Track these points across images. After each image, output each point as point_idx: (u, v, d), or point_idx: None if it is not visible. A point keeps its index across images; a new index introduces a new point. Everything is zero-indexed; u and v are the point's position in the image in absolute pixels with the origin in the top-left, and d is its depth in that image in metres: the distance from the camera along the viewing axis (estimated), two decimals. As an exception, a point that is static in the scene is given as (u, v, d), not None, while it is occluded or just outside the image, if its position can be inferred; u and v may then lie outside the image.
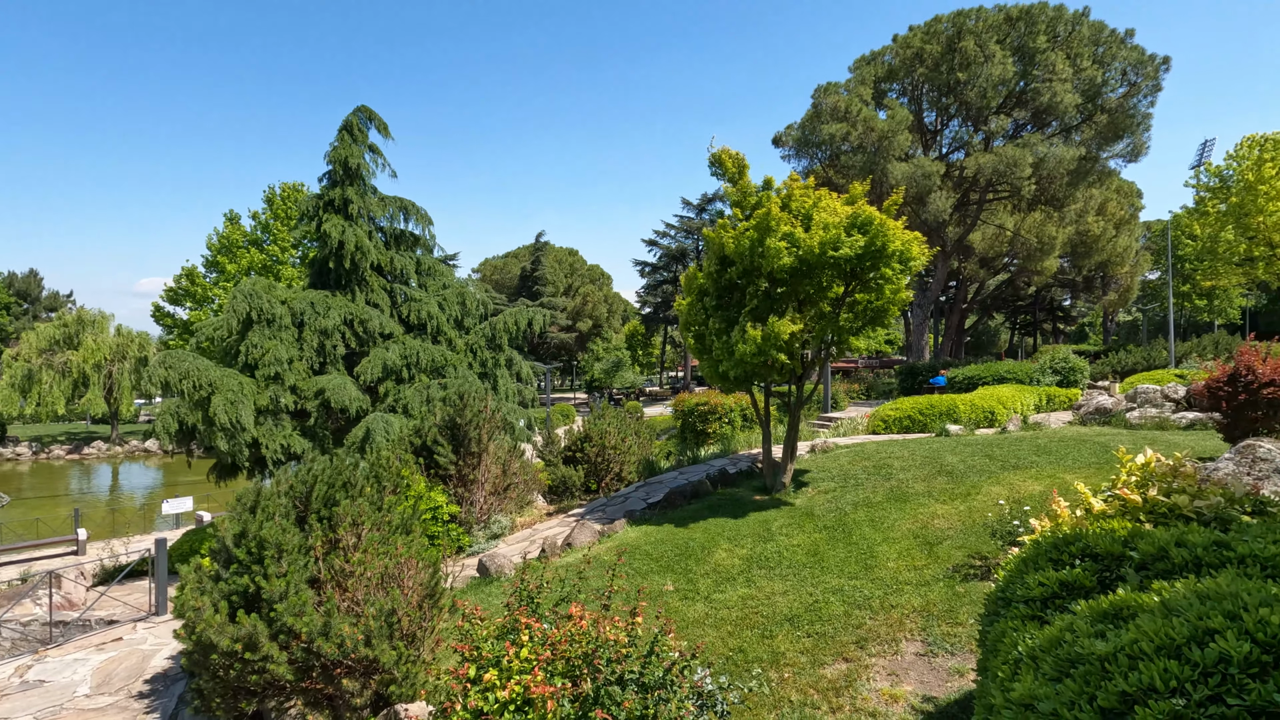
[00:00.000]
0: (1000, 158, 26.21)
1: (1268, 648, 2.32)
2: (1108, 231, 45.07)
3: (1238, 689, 2.21)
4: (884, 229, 9.91)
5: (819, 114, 31.90)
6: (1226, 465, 6.67)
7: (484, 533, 11.21)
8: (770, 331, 9.85)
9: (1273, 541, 3.24)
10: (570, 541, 10.46)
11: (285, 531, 5.86)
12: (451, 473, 10.95)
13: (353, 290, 17.74)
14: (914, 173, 26.99)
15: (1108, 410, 17.36)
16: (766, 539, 9.60)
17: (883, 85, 32.59)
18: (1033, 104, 27.44)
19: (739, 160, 11.75)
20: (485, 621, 5.24)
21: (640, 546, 9.90)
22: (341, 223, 17.40)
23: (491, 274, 78.19)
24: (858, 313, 11.47)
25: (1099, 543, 3.78)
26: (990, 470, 11.25)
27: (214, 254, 57.01)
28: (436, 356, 17.44)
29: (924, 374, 30.51)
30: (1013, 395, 19.05)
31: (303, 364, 16.21)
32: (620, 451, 14.54)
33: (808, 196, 11.03)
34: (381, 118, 18.90)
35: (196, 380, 14.16)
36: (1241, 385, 9.23)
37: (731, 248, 10.71)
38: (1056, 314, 78.61)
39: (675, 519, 11.04)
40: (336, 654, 5.44)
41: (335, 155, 17.94)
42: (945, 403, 17.37)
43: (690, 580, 8.55)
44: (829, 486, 11.92)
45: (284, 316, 16.12)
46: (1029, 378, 23.61)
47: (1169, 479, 4.34)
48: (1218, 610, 2.53)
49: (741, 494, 12.13)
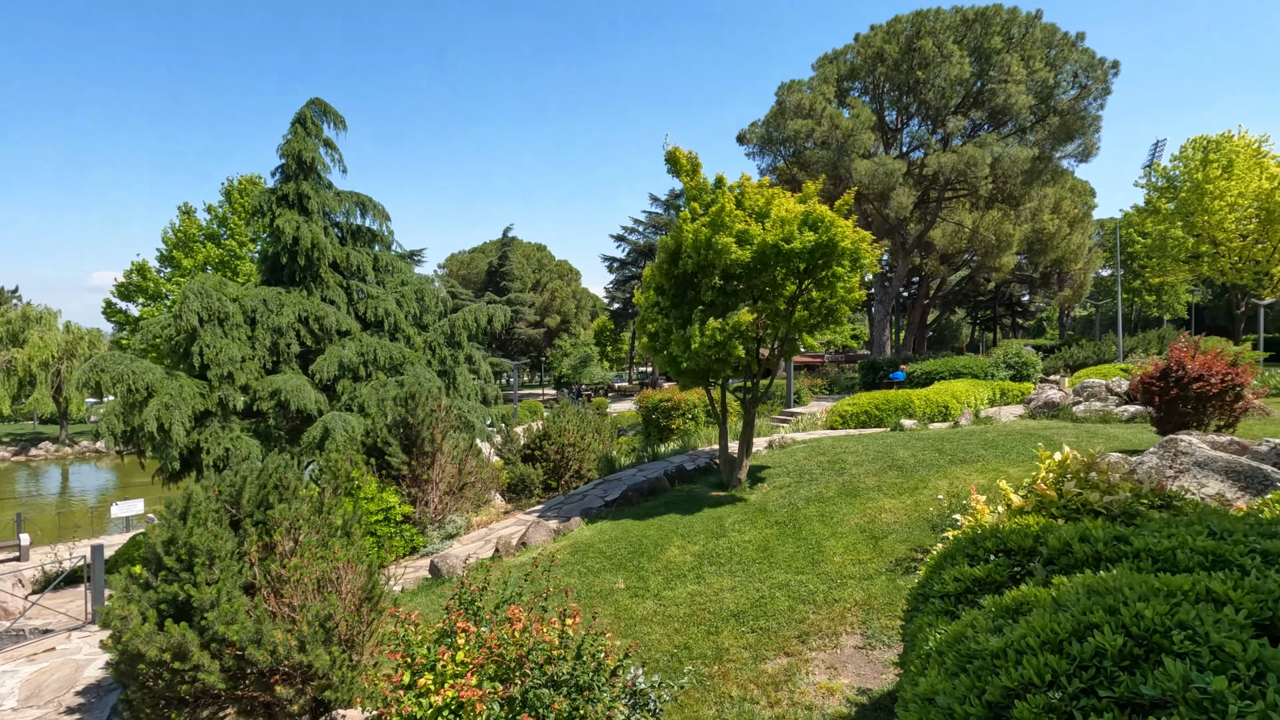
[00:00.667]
0: (960, 156, 26.73)
1: (1141, 640, 2.42)
2: (1062, 229, 46.25)
3: (1109, 681, 2.30)
4: (834, 227, 10.04)
5: (783, 111, 32.15)
6: (1151, 459, 6.93)
7: (439, 533, 11.11)
8: (730, 323, 9.92)
9: (1167, 536, 3.37)
10: (525, 540, 10.42)
11: (217, 538, 5.74)
12: (404, 473, 10.83)
13: (308, 287, 17.39)
14: (877, 170, 27.39)
15: (1056, 404, 17.86)
16: (719, 535, 9.69)
17: (845, 84, 32.96)
18: (989, 104, 28.04)
19: (693, 159, 11.79)
20: (421, 625, 5.19)
21: (594, 544, 9.91)
22: (296, 218, 17.04)
23: (458, 269, 77.30)
24: (813, 310, 11.62)
25: (1011, 539, 3.90)
26: (939, 465, 11.50)
27: (169, 248, 55.27)
28: (395, 354, 17.21)
29: (884, 369, 31.03)
30: (967, 390, 19.50)
31: (255, 363, 15.86)
32: (580, 449, 14.52)
33: (761, 194, 11.13)
34: (337, 111, 18.53)
35: (132, 383, 13.77)
36: (1172, 381, 9.58)
37: (688, 242, 10.75)
38: (1016, 309, 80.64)
39: (631, 516, 11.07)
40: (270, 661, 5.34)
41: (288, 149, 17.55)
42: (901, 398, 17.70)
43: (641, 578, 8.59)
44: (784, 482, 12.07)
45: (236, 314, 15.75)
46: (984, 372, 24.17)
47: (1082, 475, 4.49)
48: (1100, 605, 2.63)
49: (698, 490, 12.21)
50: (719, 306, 10.88)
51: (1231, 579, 2.70)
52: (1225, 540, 3.34)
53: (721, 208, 10.31)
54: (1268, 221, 36.26)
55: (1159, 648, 2.39)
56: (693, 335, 10.17)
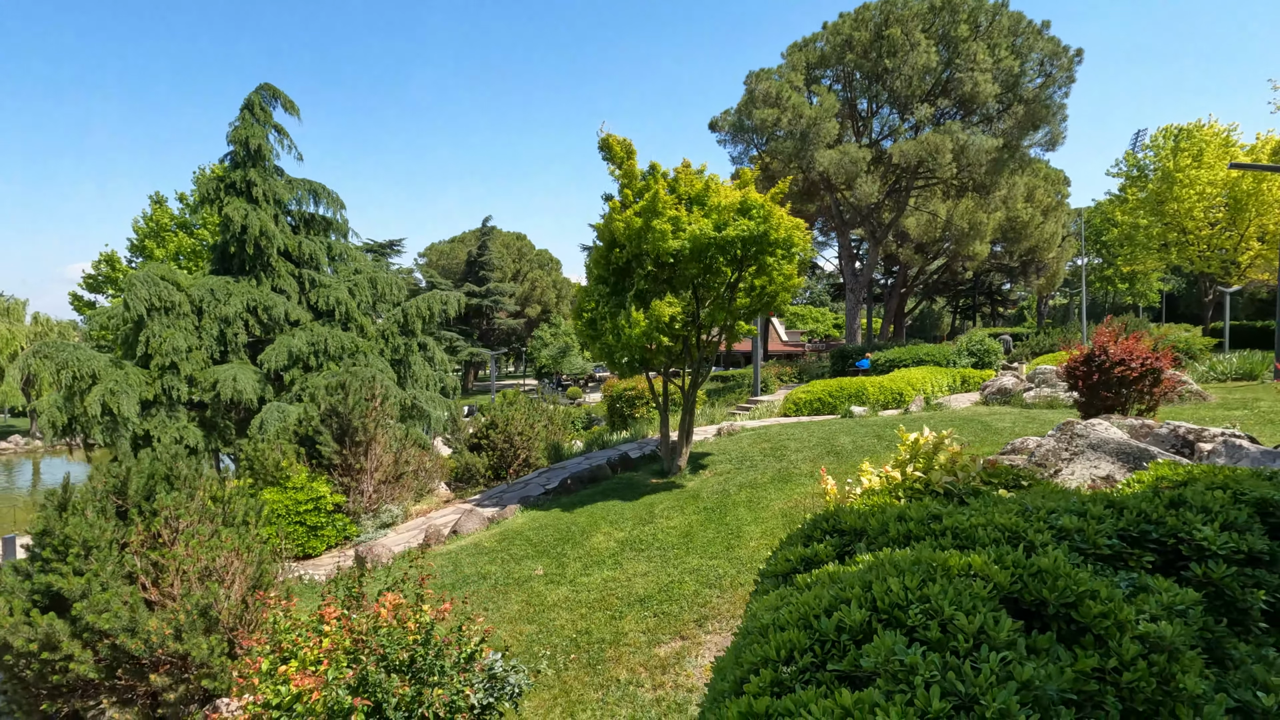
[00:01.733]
0: (922, 145, 26.76)
1: (883, 615, 2.43)
2: (1035, 218, 46.61)
3: (840, 655, 2.30)
4: (769, 216, 10.02)
5: (753, 99, 32.03)
6: (1049, 442, 6.98)
7: (373, 522, 11.05)
8: (653, 315, 9.89)
9: (978, 515, 3.39)
10: (457, 529, 10.39)
11: (93, 527, 5.65)
12: (335, 462, 10.75)
13: (258, 276, 17.18)
14: (841, 159, 27.37)
15: (1009, 391, 18.01)
16: (647, 521, 9.70)
17: (815, 72, 32.88)
18: (956, 93, 28.06)
19: (626, 145, 11.70)
20: (293, 613, 5.14)
21: (523, 532, 9.90)
22: (244, 206, 16.80)
23: (438, 259, 76.71)
24: (754, 297, 11.61)
25: (846, 519, 3.91)
26: (875, 450, 11.57)
27: (141, 238, 54.42)
28: (346, 343, 17.06)
29: (854, 357, 31.22)
30: (924, 377, 19.62)
31: (202, 353, 15.67)
32: (527, 438, 14.48)
33: (696, 180, 11.08)
34: (288, 96, 18.23)
35: (76, 371, 13.57)
36: (1095, 365, 9.66)
37: (619, 231, 10.69)
38: (995, 297, 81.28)
39: (566, 504, 11.06)
40: (144, 650, 5.29)
41: (236, 135, 17.29)
42: (855, 385, 17.79)
43: (562, 564, 8.58)
44: (725, 468, 12.10)
45: (183, 304, 15.55)
46: (946, 360, 24.34)
47: (929, 456, 4.51)
48: (859, 581, 2.64)
49: (638, 478, 12.22)
50: (652, 295, 10.84)
51: (995, 555, 2.72)
52: (1029, 518, 3.36)
53: (655, 194, 10.24)
54: (1235, 210, 36.65)
55: (896, 621, 2.39)
56: (622, 325, 10.13)
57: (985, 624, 2.27)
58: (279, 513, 10.00)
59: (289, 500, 10.10)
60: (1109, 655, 2.28)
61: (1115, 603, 2.45)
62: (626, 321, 10.16)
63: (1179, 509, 3.65)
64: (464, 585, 8.25)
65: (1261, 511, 3.66)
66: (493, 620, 7.28)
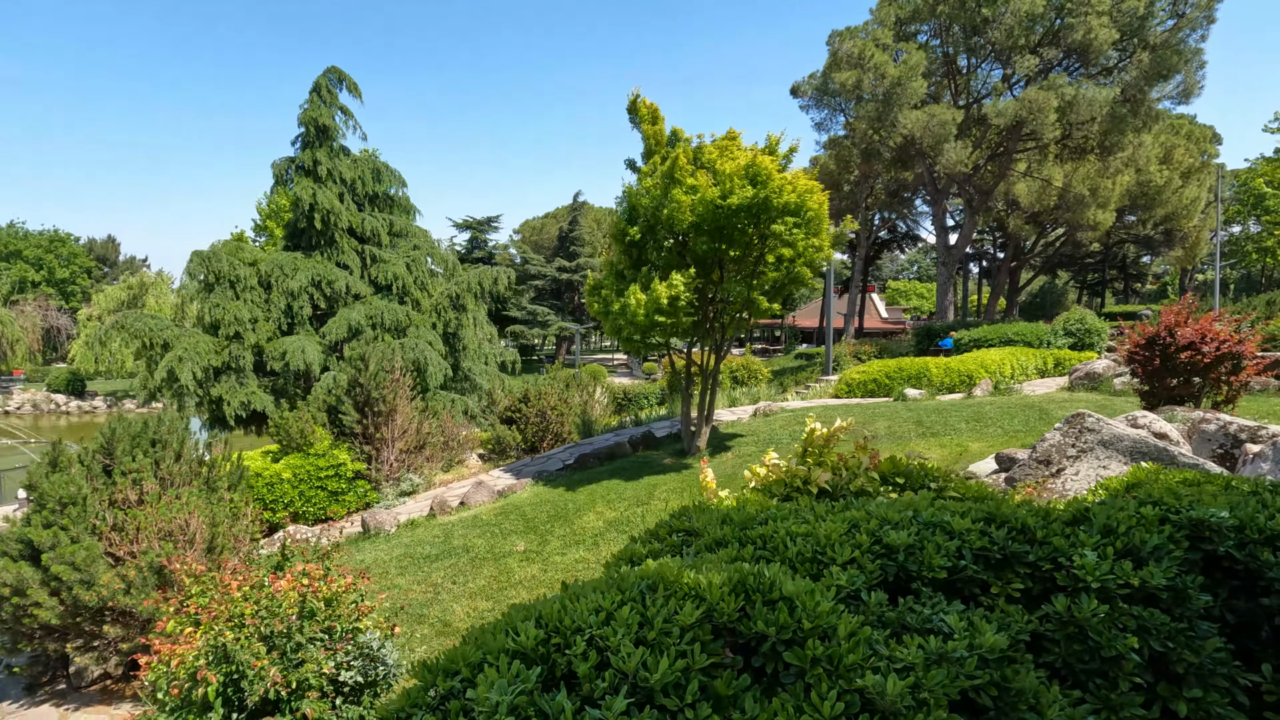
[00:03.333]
0: (1022, 103, 24.13)
1: (556, 639, 2.08)
2: (1173, 181, 41.30)
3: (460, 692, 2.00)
4: (768, 179, 9.31)
5: (835, 61, 30.17)
6: (1054, 436, 6.06)
7: (394, 490, 11.44)
8: (652, 295, 9.51)
9: (795, 523, 2.89)
10: (465, 500, 10.56)
11: (69, 484, 6.09)
12: (357, 431, 11.17)
13: (324, 251, 18.10)
14: (928, 122, 25.25)
15: (1097, 376, 16.14)
16: (643, 503, 9.43)
17: (907, 27, 30.40)
18: (1066, 41, 25.04)
19: (653, 109, 11.23)
20: (203, 579, 5.30)
21: (522, 507, 9.91)
22: (311, 185, 17.69)
23: (530, 235, 78.51)
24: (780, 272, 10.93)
25: (695, 519, 3.50)
26: (908, 438, 10.66)
27: (263, 218, 59.35)
28: (401, 317, 17.71)
29: (939, 335, 29.14)
30: (1002, 359, 17.93)
31: (269, 324, 16.73)
32: (560, 413, 14.50)
33: (714, 148, 10.48)
34: (352, 79, 18.96)
35: (148, 339, 14.81)
36: (1158, 349, 8.31)
37: (641, 203, 10.32)
38: (1129, 271, 73.50)
39: (574, 481, 10.97)
40: (96, 602, 5.66)
41: (305, 117, 18.15)
42: (916, 366, 16.51)
43: (544, 542, 8.50)
44: (747, 450, 11.59)
45: (249, 278, 16.60)
46: (1039, 340, 22.18)
47: (819, 452, 3.94)
48: (568, 598, 2.28)
49: (655, 457, 11.93)
50: (669, 269, 10.41)
51: (722, 575, 2.27)
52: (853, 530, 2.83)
53: (674, 161, 9.77)
54: None
55: (556, 650, 2.05)
56: (628, 303, 9.80)
57: (648, 662, 1.88)
58: (300, 477, 10.53)
59: (310, 466, 10.61)
60: (802, 713, 1.83)
61: (843, 644, 1.97)
62: (634, 300, 9.82)
63: (1076, 528, 2.97)
64: (446, 557, 8.36)
65: (1194, 536, 2.91)
66: (455, 594, 7.31)
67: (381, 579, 7.87)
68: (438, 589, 7.47)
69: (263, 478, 10.28)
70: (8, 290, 76.83)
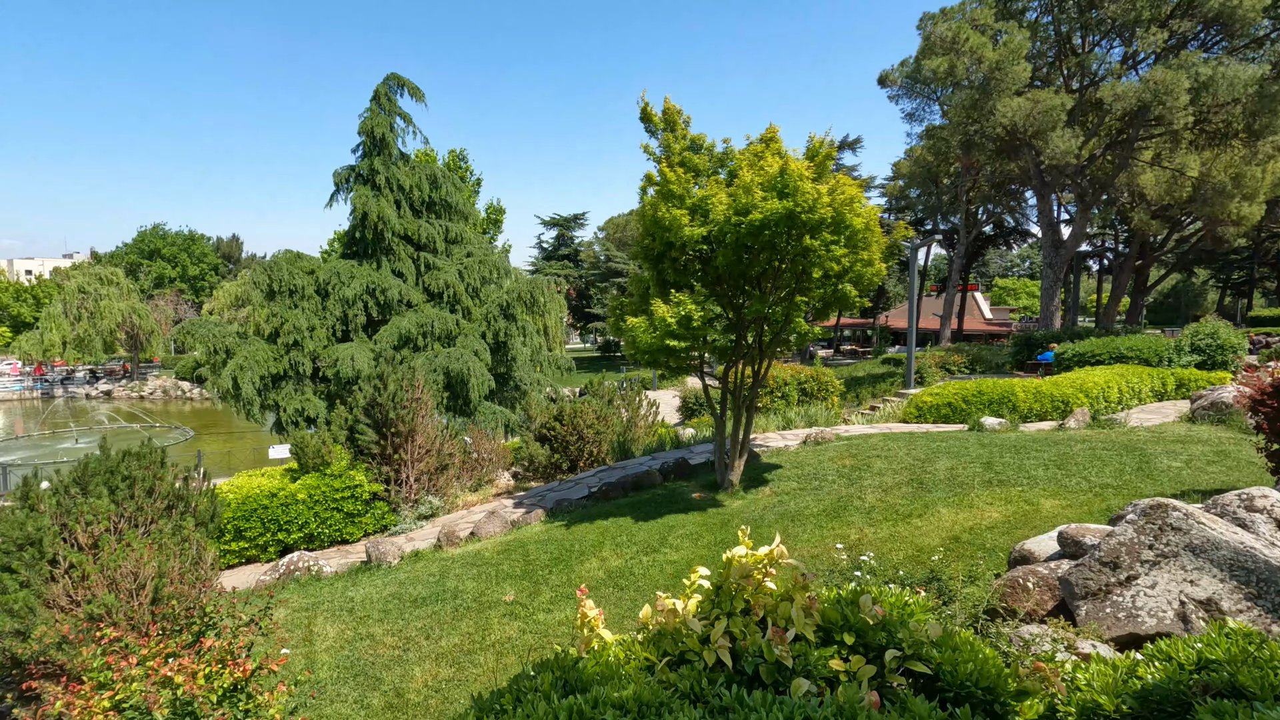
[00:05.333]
0: (1146, 85, 21.09)
1: None
2: (1339, 168, 35.54)
3: None
4: (797, 190, 8.14)
5: (929, 46, 27.76)
6: (1126, 532, 4.67)
7: (412, 512, 11.11)
8: (656, 318, 8.58)
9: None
10: (476, 531, 10.04)
11: (24, 525, 5.93)
12: (374, 452, 10.90)
13: (379, 259, 18.24)
14: (1031, 109, 22.59)
15: (1225, 407, 13.68)
16: (654, 549, 8.55)
17: (1012, 4, 27.52)
18: (1201, 11, 21.68)
19: (671, 114, 10.24)
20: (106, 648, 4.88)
21: (527, 545, 9.25)
22: (367, 193, 17.85)
23: (614, 232, 78.48)
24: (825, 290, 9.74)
25: (542, 680, 2.62)
26: (970, 486, 9.18)
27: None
28: (451, 325, 17.59)
29: (1040, 346, 26.30)
30: (1108, 380, 15.65)
31: (324, 331, 16.99)
32: (597, 432, 13.81)
33: (744, 155, 9.39)
34: (414, 83, 19.00)
35: (213, 345, 15.26)
36: (1293, 400, 6.54)
37: (648, 216, 9.44)
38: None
39: (592, 514, 10.22)
40: (29, 656, 5.44)
41: (364, 126, 18.32)
42: (1000, 389, 14.61)
43: (536, 592, 7.80)
44: (786, 488, 10.44)
45: (307, 286, 16.90)
46: (1158, 356, 19.39)
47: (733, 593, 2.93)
48: None
49: (684, 490, 10.97)
50: (684, 287, 9.45)
51: None
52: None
53: (665, 176, 8.82)
54: None
55: None
56: (634, 323, 8.92)
57: None
58: (316, 498, 10.36)
59: (326, 486, 10.42)
60: None
61: None
62: (637, 322, 8.94)
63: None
64: (432, 602, 7.81)
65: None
66: (423, 653, 6.72)
67: (360, 625, 7.42)
68: (408, 644, 6.91)
69: (277, 498, 10.16)
70: (148, 285, 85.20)
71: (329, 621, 7.56)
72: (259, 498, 10.03)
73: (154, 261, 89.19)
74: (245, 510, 9.96)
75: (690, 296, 8.63)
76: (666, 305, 8.76)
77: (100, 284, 62.09)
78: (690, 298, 8.60)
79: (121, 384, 64.49)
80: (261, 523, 10.07)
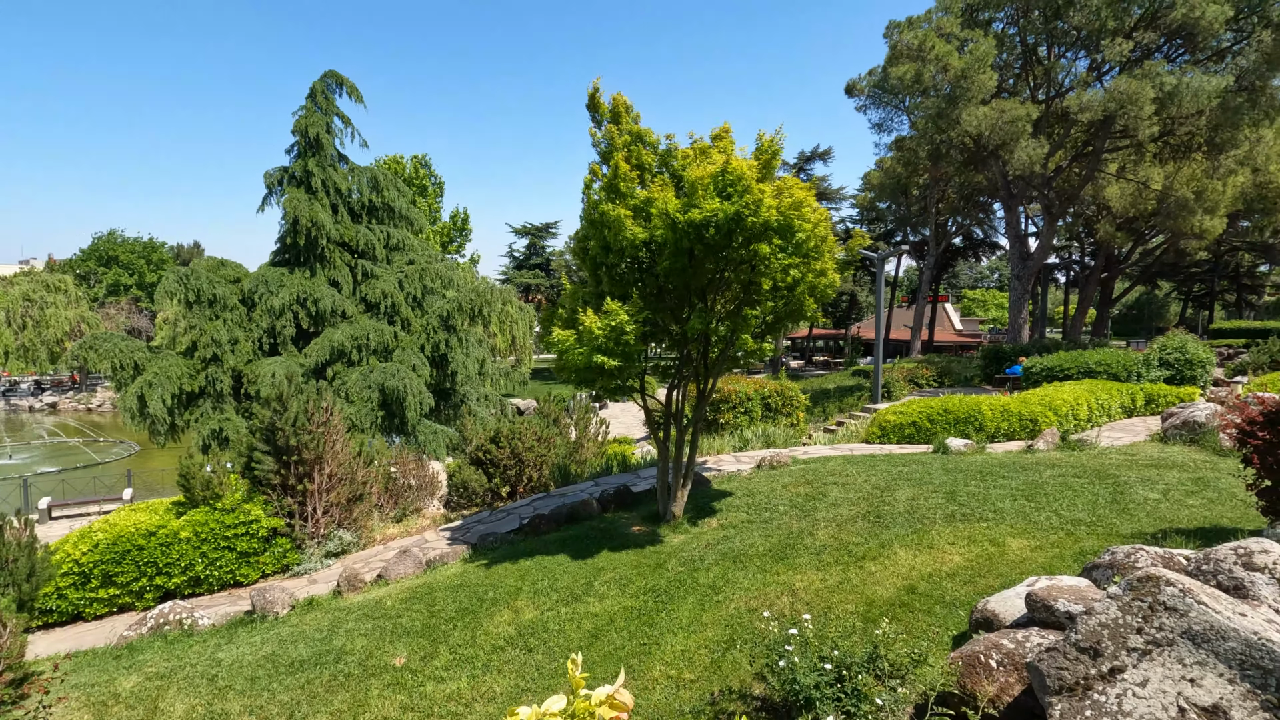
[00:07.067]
0: (1110, 94, 20.75)
1: None
2: (1297, 182, 35.95)
3: None
4: (745, 190, 7.23)
5: (896, 54, 27.35)
6: (1107, 610, 3.75)
7: (319, 550, 9.93)
8: (583, 331, 7.59)
9: None
10: (384, 574, 8.90)
11: None
12: (274, 482, 9.71)
13: (313, 267, 17.02)
14: (996, 119, 22.16)
15: (1199, 426, 13.06)
16: (577, 598, 7.51)
17: (978, 14, 27.20)
18: (1165, 22, 21.46)
19: (618, 105, 9.31)
20: None
21: (436, 592, 8.15)
22: (300, 196, 16.65)
23: (587, 242, 77.41)
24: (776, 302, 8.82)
25: None
26: (931, 521, 8.29)
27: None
28: (388, 338, 16.41)
29: (1009, 359, 25.82)
30: (1077, 396, 15.00)
31: (249, 345, 15.71)
32: (538, 454, 12.75)
33: (688, 152, 8.48)
34: (352, 82, 17.88)
35: (118, 361, 13.94)
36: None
37: (586, 215, 8.48)
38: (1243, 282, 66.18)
39: (517, 551, 9.14)
40: None
41: (298, 125, 17.14)
42: (966, 407, 13.85)
43: (432, 653, 6.70)
44: (734, 519, 9.47)
45: (230, 296, 15.65)
46: (1126, 371, 18.88)
47: None
48: None
49: (623, 522, 9.94)
50: (622, 297, 8.48)
51: None
52: None
53: (615, 168, 7.87)
54: None
55: None
56: (561, 336, 7.92)
57: None
58: (204, 536, 9.14)
59: (215, 523, 9.22)
60: None
61: None
62: (561, 335, 7.94)
63: None
64: (310, 668, 6.66)
65: None
66: (277, 739, 5.60)
67: (217, 699, 6.26)
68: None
69: (156, 537, 8.93)
70: (102, 294, 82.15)
71: (181, 694, 6.37)
72: (134, 537, 8.80)
73: (110, 269, 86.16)
74: (116, 552, 8.72)
75: (625, 307, 7.65)
76: (597, 316, 7.76)
77: (47, 291, 59.48)
78: (625, 308, 7.62)
79: (69, 395, 61.88)
80: (136, 566, 8.83)
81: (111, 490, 25.26)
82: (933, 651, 5.14)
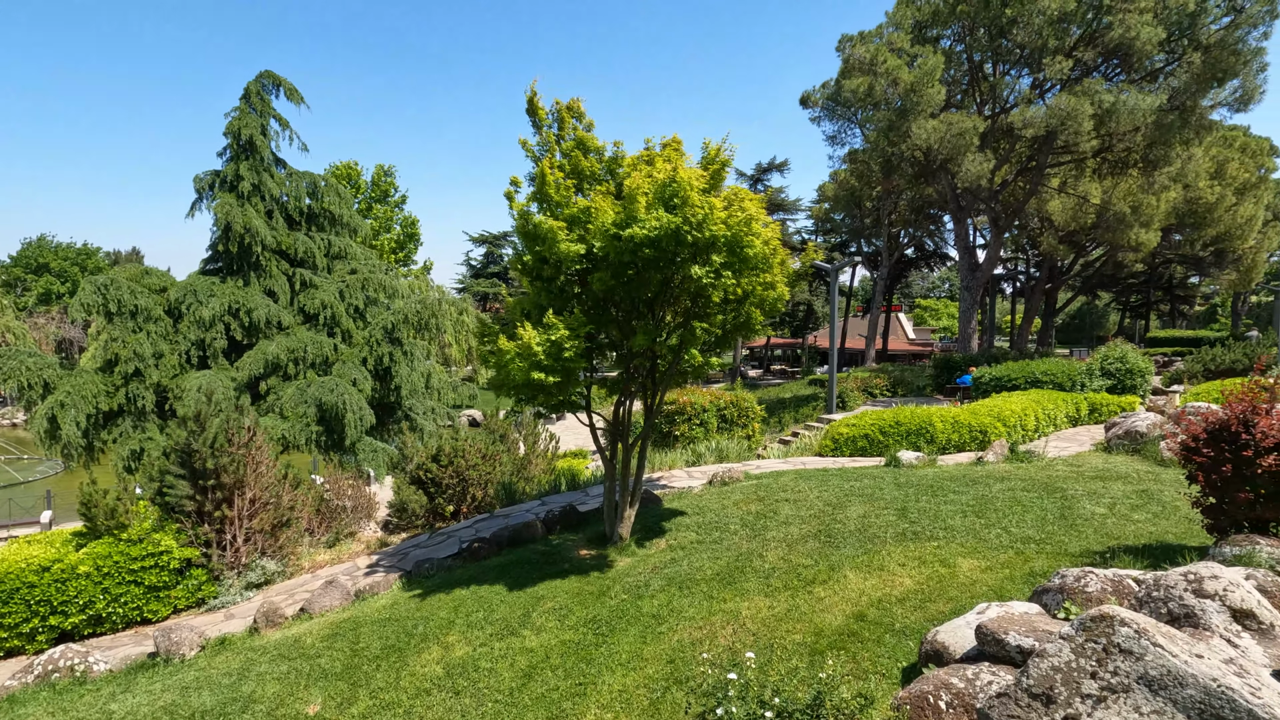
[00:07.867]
0: (1052, 111, 21.32)
1: None
2: (1226, 199, 37.74)
3: None
4: (689, 205, 6.93)
5: (849, 68, 27.67)
6: (1062, 651, 3.51)
7: (240, 581, 9.22)
8: (522, 346, 7.17)
9: None
10: (308, 607, 8.28)
11: None
12: (189, 509, 8.99)
13: (247, 276, 16.16)
14: (944, 132, 22.55)
15: (1140, 436, 13.28)
16: (513, 631, 7.04)
17: (927, 30, 27.74)
18: (1102, 42, 22.17)
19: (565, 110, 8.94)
20: None
21: (360, 628, 7.58)
22: (232, 201, 15.80)
23: (545, 251, 76.78)
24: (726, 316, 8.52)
25: None
26: (883, 540, 8.08)
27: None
28: (327, 351, 15.65)
29: (960, 368, 26.22)
30: (1025, 407, 15.14)
31: (176, 359, 14.78)
32: (484, 472, 12.21)
33: (633, 160, 8.15)
34: (291, 83, 17.11)
35: (27, 379, 12.93)
36: (1229, 448, 5.70)
37: (518, 226, 8.07)
38: (1175, 293, 69.20)
39: (454, 579, 8.62)
40: None
41: (231, 127, 16.30)
42: (918, 419, 13.82)
43: (352, 698, 6.16)
44: (683, 540, 9.12)
45: (154, 307, 14.73)
46: (1071, 381, 19.25)
47: None
48: None
49: (568, 545, 9.51)
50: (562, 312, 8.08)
51: None
52: None
53: (542, 176, 7.49)
54: None
55: None
56: (503, 348, 7.47)
57: None
58: (105, 570, 8.37)
59: (120, 555, 8.46)
60: None
61: None
62: (505, 347, 7.49)
63: None
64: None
65: None
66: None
67: (102, 759, 5.61)
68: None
69: (50, 572, 8.13)
70: (33, 303, 77.88)
71: (61, 756, 5.70)
72: (23, 574, 7.99)
73: (40, 276, 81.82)
74: (3, 591, 7.90)
75: (566, 319, 7.25)
76: (535, 331, 7.34)
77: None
78: (565, 321, 7.22)
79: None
80: (27, 605, 8.01)
81: (30, 512, 23.58)
82: (881, 688, 4.86)
